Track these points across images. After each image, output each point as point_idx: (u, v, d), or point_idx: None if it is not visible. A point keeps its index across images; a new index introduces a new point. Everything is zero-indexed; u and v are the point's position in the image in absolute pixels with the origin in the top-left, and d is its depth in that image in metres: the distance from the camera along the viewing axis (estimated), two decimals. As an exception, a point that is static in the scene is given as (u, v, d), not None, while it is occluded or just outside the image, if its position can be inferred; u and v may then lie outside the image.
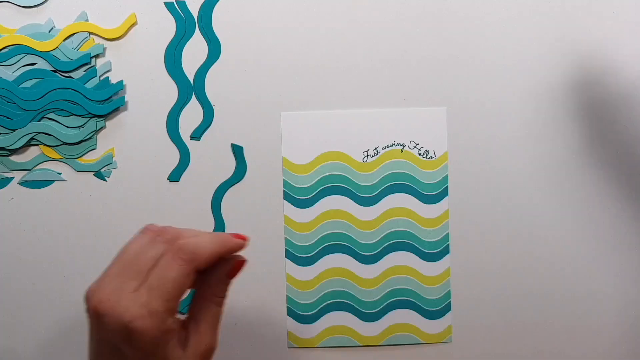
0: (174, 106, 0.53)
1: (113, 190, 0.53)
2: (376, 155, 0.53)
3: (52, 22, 0.52)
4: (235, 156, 0.52)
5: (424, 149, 0.53)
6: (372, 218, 0.53)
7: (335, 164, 0.53)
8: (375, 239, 0.53)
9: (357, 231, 0.53)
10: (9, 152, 0.52)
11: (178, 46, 0.52)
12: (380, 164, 0.53)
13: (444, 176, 0.53)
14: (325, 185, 0.53)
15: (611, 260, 0.53)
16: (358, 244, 0.53)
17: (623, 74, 0.53)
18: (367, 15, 0.52)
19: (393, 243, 0.53)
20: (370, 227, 0.53)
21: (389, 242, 0.53)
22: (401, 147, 0.53)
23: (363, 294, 0.53)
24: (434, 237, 0.53)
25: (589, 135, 0.53)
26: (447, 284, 0.53)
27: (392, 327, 0.53)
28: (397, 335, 0.53)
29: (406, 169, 0.53)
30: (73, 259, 0.53)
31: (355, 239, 0.53)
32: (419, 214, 0.53)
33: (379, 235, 0.53)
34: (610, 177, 0.53)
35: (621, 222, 0.53)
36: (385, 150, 0.53)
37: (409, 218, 0.53)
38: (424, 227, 0.53)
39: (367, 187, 0.53)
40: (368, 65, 0.53)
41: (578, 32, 0.53)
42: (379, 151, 0.53)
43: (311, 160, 0.53)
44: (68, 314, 0.53)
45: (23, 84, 0.52)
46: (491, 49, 0.53)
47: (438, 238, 0.53)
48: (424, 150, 0.53)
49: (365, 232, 0.53)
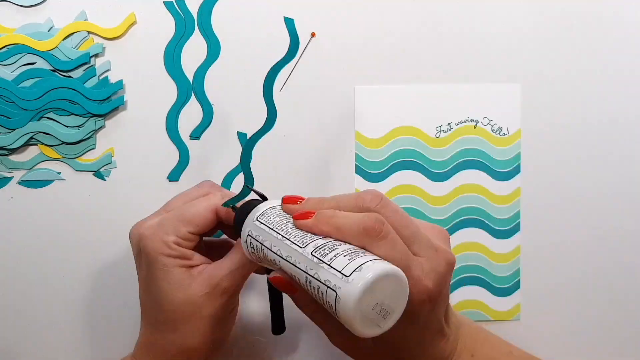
0: (173, 106, 0.53)
1: (112, 190, 0.53)
2: (449, 131, 0.53)
3: (51, 22, 0.52)
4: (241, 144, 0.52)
5: (497, 126, 0.53)
6: (444, 194, 0.53)
7: (408, 139, 0.53)
8: (446, 215, 0.53)
9: (428, 206, 0.53)
10: (8, 152, 0.52)
11: (177, 45, 0.52)
12: (453, 140, 0.53)
13: (516, 153, 0.53)
14: (397, 160, 0.53)
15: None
16: (430, 220, 0.53)
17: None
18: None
19: (464, 219, 0.53)
20: (442, 203, 0.53)
21: (460, 218, 0.53)
22: (474, 123, 0.53)
23: None
24: (505, 215, 0.53)
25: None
26: (517, 262, 0.53)
27: (461, 303, 0.53)
28: (466, 311, 0.53)
29: (479, 145, 0.53)
30: (72, 258, 0.53)
31: (426, 214, 0.53)
32: (490, 191, 0.53)
33: (450, 211, 0.53)
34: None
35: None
36: (458, 126, 0.53)
37: (480, 195, 0.53)
38: (495, 204, 0.53)
39: (440, 163, 0.53)
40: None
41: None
42: (452, 127, 0.53)
43: (384, 135, 0.52)
44: (68, 314, 0.53)
45: (22, 83, 0.52)
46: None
47: (509, 215, 0.53)
48: (497, 126, 0.53)
49: (436, 208, 0.53)
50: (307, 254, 0.35)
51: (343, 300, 0.32)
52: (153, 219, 0.43)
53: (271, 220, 0.39)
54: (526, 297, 0.54)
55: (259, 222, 0.39)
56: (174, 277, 0.40)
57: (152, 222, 0.42)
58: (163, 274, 0.41)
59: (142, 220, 0.43)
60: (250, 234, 0.39)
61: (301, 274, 0.35)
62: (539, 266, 0.53)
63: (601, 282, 0.54)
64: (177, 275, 0.40)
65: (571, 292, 0.54)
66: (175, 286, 0.40)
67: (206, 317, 0.41)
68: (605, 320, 0.54)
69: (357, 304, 0.31)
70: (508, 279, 0.53)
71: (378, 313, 0.33)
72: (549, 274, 0.53)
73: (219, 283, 0.41)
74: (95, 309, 0.53)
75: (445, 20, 0.52)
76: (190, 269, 0.41)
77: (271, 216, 0.39)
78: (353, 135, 0.53)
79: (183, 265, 0.41)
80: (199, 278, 0.41)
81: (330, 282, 0.33)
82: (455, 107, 0.53)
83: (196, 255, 0.42)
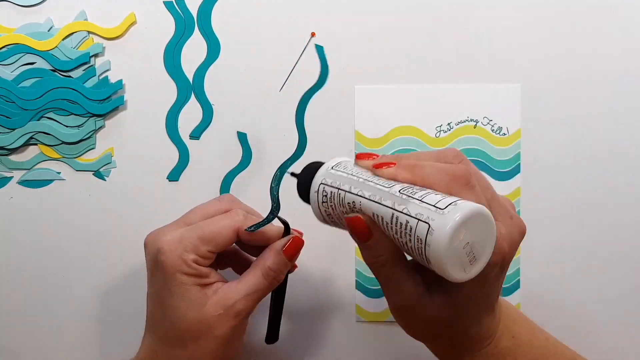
0: (173, 105, 0.52)
1: (112, 190, 0.53)
2: (449, 131, 0.52)
3: (51, 21, 0.52)
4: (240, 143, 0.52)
5: (497, 126, 0.52)
6: None
7: (408, 139, 0.53)
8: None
9: None
10: (8, 152, 0.52)
11: (177, 45, 0.52)
12: (453, 140, 0.53)
13: (516, 153, 0.53)
14: None
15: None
16: None
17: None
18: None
19: None
20: None
21: None
22: (474, 123, 0.52)
23: None
24: None
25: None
26: (517, 262, 0.53)
27: None
28: None
29: (479, 145, 0.53)
30: (72, 258, 0.53)
31: None
32: None
33: None
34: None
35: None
36: (458, 125, 0.52)
37: None
38: None
39: None
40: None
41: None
42: (452, 127, 0.52)
43: (384, 135, 0.52)
44: (67, 314, 0.53)
45: (22, 83, 0.52)
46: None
47: None
48: (497, 126, 0.52)
49: None
50: (395, 192, 0.34)
51: (437, 232, 0.31)
52: (172, 232, 0.42)
53: (348, 168, 0.38)
54: (526, 297, 0.53)
55: (334, 170, 0.38)
56: (190, 295, 0.40)
57: (171, 236, 0.41)
58: (179, 292, 0.40)
59: (161, 230, 0.42)
60: (325, 182, 0.38)
61: (386, 212, 0.33)
62: (539, 266, 0.53)
63: (602, 281, 0.53)
64: (193, 294, 0.40)
65: (572, 292, 0.53)
66: (189, 304, 0.40)
67: (217, 337, 0.41)
68: (606, 320, 0.54)
69: (452, 236, 0.30)
70: (508, 278, 0.53)
71: (467, 255, 0.32)
72: (549, 274, 0.53)
73: (233, 305, 0.41)
74: (95, 309, 0.53)
75: (445, 20, 0.52)
76: (205, 287, 0.41)
77: (347, 167, 0.38)
78: (353, 135, 0.53)
79: (199, 283, 0.41)
80: (213, 298, 0.41)
81: (423, 215, 0.32)
82: (455, 107, 0.52)
83: (212, 273, 0.42)
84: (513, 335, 0.40)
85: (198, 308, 0.40)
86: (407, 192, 0.33)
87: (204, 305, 0.40)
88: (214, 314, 0.40)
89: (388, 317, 0.53)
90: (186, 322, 0.40)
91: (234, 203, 0.45)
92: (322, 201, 0.38)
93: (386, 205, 0.34)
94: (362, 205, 0.35)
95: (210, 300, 0.40)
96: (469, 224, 0.31)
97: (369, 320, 0.53)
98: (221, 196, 0.46)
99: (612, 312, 0.54)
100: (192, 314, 0.40)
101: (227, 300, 0.41)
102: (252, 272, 0.42)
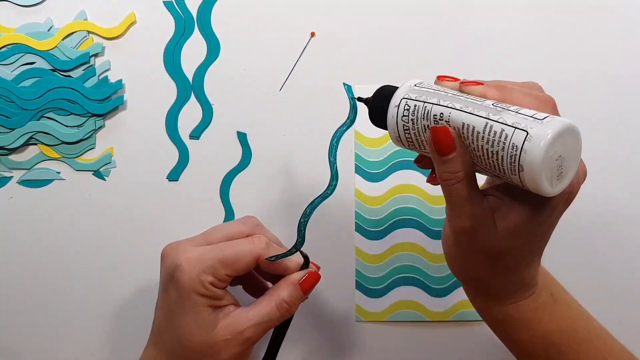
0: (173, 105, 0.52)
1: (112, 190, 0.53)
2: None
3: (51, 21, 0.52)
4: (240, 143, 0.52)
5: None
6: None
7: None
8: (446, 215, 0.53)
9: (428, 206, 0.53)
10: (7, 151, 0.52)
11: (177, 45, 0.52)
12: None
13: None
14: (397, 160, 0.53)
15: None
16: (429, 220, 0.53)
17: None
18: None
19: None
20: (442, 203, 0.52)
21: None
22: None
23: (432, 270, 0.53)
24: None
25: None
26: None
27: (461, 303, 0.53)
28: (466, 311, 0.53)
29: None
30: (72, 258, 0.53)
31: (426, 214, 0.53)
32: None
33: None
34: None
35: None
36: None
37: None
38: None
39: None
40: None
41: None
42: None
43: (384, 134, 0.52)
44: (67, 313, 0.53)
45: (22, 83, 0.52)
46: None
47: None
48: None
49: (437, 208, 0.52)
50: (488, 105, 0.34)
51: (535, 139, 0.31)
52: (193, 249, 0.41)
53: (432, 85, 0.38)
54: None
55: (417, 87, 0.38)
56: (202, 316, 0.40)
57: (191, 254, 0.41)
58: (191, 311, 0.40)
59: (181, 245, 0.42)
60: (407, 96, 0.37)
61: (479, 122, 0.33)
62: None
63: (602, 281, 0.53)
64: (205, 316, 0.40)
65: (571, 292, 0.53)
66: (200, 325, 0.40)
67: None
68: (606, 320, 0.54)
69: (551, 144, 0.31)
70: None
71: (557, 168, 0.32)
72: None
73: (243, 332, 0.40)
74: (95, 309, 0.53)
75: (445, 20, 0.52)
76: (217, 309, 0.41)
77: (430, 85, 0.38)
78: (353, 135, 0.53)
79: (212, 305, 0.41)
80: (223, 321, 0.41)
81: (520, 124, 0.32)
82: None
83: (227, 295, 0.42)
84: (551, 292, 0.41)
85: (208, 330, 0.40)
86: (501, 106, 0.34)
87: (213, 328, 0.40)
88: (222, 338, 0.40)
89: (388, 317, 0.53)
90: (194, 342, 0.40)
91: (257, 228, 0.44)
92: (402, 115, 0.38)
93: (479, 115, 0.34)
94: (452, 116, 0.35)
95: (221, 324, 0.40)
96: (565, 137, 0.32)
97: (369, 320, 0.53)
98: (245, 218, 0.45)
99: (612, 312, 0.54)
100: (201, 336, 0.40)
101: (237, 326, 0.40)
102: (265, 301, 0.42)
